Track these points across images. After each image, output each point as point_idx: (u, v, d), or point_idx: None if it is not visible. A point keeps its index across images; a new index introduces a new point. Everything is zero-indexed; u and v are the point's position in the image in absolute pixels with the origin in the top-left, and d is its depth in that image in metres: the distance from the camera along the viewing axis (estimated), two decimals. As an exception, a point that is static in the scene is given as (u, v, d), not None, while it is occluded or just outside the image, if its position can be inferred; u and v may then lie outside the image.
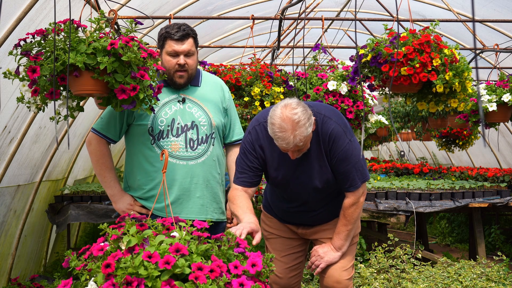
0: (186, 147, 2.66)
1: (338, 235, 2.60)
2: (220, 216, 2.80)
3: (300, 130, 2.26)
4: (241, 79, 3.95)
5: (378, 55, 3.12)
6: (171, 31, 2.63)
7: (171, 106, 2.69)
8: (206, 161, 2.71)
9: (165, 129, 2.65)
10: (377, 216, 8.81)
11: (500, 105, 4.42)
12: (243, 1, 6.48)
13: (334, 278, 2.63)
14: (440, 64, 3.06)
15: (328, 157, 2.49)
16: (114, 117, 2.68)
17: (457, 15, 5.09)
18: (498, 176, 6.42)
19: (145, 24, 4.72)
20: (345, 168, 2.48)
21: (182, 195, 2.66)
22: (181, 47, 2.62)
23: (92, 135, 2.73)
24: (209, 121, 2.73)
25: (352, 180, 2.50)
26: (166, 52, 2.64)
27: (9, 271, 4.44)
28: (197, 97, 2.75)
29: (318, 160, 2.50)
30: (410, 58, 3.04)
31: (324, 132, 2.46)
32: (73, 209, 5.07)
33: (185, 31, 2.63)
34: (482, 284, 3.70)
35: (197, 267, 1.65)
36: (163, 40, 2.66)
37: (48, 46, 2.27)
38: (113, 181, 2.72)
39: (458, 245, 8.05)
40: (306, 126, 2.27)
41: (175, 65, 2.63)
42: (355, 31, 2.73)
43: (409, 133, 10.38)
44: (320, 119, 2.47)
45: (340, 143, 2.45)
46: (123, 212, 2.68)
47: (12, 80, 2.38)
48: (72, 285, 1.77)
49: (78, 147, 5.85)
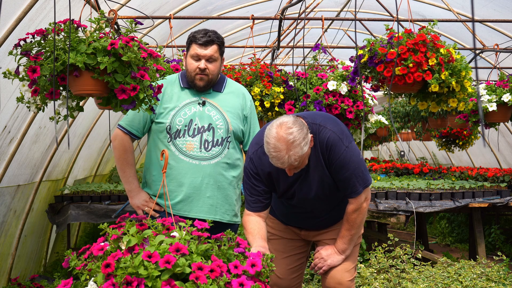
0: (200, 147, 2.72)
1: (342, 239, 2.59)
2: (232, 218, 2.83)
3: (295, 150, 2.24)
4: (241, 79, 3.95)
5: (374, 56, 3.13)
6: (197, 35, 2.73)
7: (190, 108, 2.77)
8: (219, 163, 2.76)
9: (182, 128, 2.73)
10: (377, 216, 8.81)
11: (500, 105, 4.42)
12: (243, 1, 6.48)
13: (336, 279, 2.63)
14: (436, 63, 3.06)
15: (327, 166, 2.48)
16: (139, 114, 2.77)
17: (457, 15, 5.09)
18: (498, 176, 6.42)
19: (145, 24, 4.72)
20: (345, 175, 2.46)
21: (193, 193, 2.72)
22: (204, 52, 2.71)
23: (117, 131, 2.82)
24: (226, 125, 2.78)
25: (353, 186, 2.47)
26: (190, 55, 2.75)
27: (9, 271, 4.44)
28: (217, 102, 2.82)
29: (318, 171, 2.48)
30: (404, 58, 3.04)
31: (321, 142, 2.44)
32: (73, 209, 5.07)
33: (210, 37, 2.71)
34: (482, 284, 3.70)
35: (197, 267, 1.65)
36: (189, 43, 2.77)
37: (48, 46, 2.27)
38: (132, 177, 2.81)
39: (458, 245, 8.05)
40: (301, 145, 2.25)
41: (196, 69, 2.72)
42: (355, 31, 2.74)
43: (409, 133, 10.38)
44: (316, 129, 2.44)
45: (337, 151, 2.42)
46: (138, 208, 2.79)
47: (12, 80, 2.38)
48: (72, 285, 1.77)
49: (78, 147, 5.85)
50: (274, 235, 2.81)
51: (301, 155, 2.28)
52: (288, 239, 2.79)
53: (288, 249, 2.78)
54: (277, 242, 2.80)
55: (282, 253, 2.77)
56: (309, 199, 2.56)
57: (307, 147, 2.29)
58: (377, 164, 9.18)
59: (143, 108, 2.41)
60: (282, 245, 2.79)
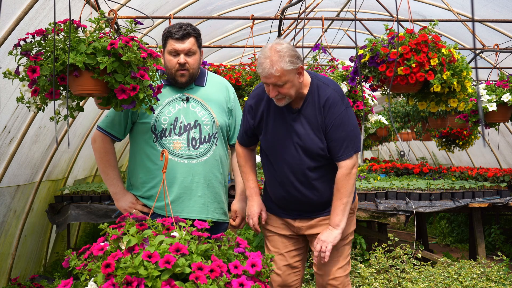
0: (188, 145, 2.67)
1: (334, 211, 2.60)
2: (221, 216, 2.80)
3: (279, 61, 2.41)
4: (241, 79, 3.95)
5: (375, 55, 3.12)
6: (172, 30, 2.66)
7: (174, 105, 2.70)
8: (208, 161, 2.71)
9: (168, 127, 2.67)
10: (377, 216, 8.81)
11: (500, 105, 4.42)
12: (243, 1, 6.48)
13: (329, 276, 2.67)
14: (438, 63, 3.06)
15: (323, 123, 2.55)
16: (119, 115, 2.70)
17: (457, 15, 5.09)
18: (498, 176, 6.42)
19: (145, 24, 4.72)
20: (340, 135, 2.54)
21: (183, 193, 2.67)
22: (181, 46, 2.64)
23: (97, 133, 2.75)
24: (212, 121, 2.74)
25: (346, 148, 2.54)
26: (167, 51, 2.67)
27: (9, 271, 4.44)
28: (201, 97, 2.76)
29: (311, 123, 2.57)
30: (407, 58, 3.04)
31: (321, 97, 2.55)
32: (73, 209, 5.07)
33: (186, 30, 2.65)
34: (482, 284, 3.70)
35: (197, 267, 1.65)
36: (165, 39, 2.69)
37: (48, 46, 2.27)
38: (116, 179, 2.74)
39: (458, 245, 8.05)
40: (286, 60, 2.41)
41: (176, 64, 2.65)
42: (355, 31, 2.74)
43: (409, 133, 10.38)
44: (318, 85, 2.58)
45: (336, 109, 2.54)
46: (125, 210, 2.70)
47: (12, 80, 2.38)
48: (72, 285, 1.77)
49: (78, 147, 5.85)
50: (271, 232, 2.82)
51: (283, 69, 2.41)
52: (284, 236, 2.79)
53: (284, 245, 2.79)
54: (272, 238, 2.81)
55: (278, 250, 2.78)
56: (296, 153, 2.60)
57: (291, 67, 2.43)
58: (377, 164, 9.18)
59: (143, 108, 2.40)
60: (278, 242, 2.79)
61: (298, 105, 2.60)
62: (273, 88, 2.48)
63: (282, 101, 2.54)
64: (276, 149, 2.66)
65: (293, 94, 2.52)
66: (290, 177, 2.65)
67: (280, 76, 2.42)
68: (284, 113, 2.62)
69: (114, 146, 2.79)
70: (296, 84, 2.50)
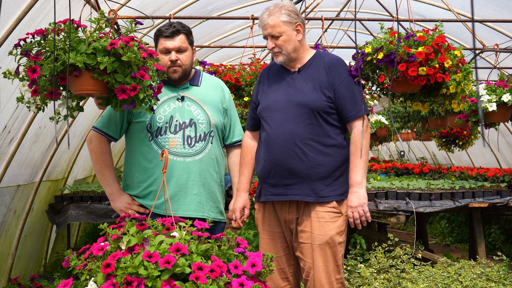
0: (183, 144, 2.68)
1: (355, 169, 2.64)
2: (217, 215, 2.78)
3: (276, 11, 2.57)
4: (241, 79, 3.95)
5: (390, 54, 3.07)
6: (162, 29, 2.70)
7: (170, 104, 2.72)
8: (204, 159, 2.72)
9: (163, 126, 2.68)
10: (377, 216, 8.81)
11: (500, 105, 4.42)
12: (243, 1, 6.48)
13: (320, 282, 2.61)
14: (452, 65, 3.05)
15: (332, 82, 2.63)
16: (115, 115, 2.71)
17: (457, 15, 5.09)
18: (498, 176, 6.42)
19: (145, 24, 4.72)
20: (353, 92, 2.65)
21: (179, 191, 2.67)
22: (172, 44, 2.67)
23: (93, 133, 2.75)
24: (208, 119, 2.74)
25: (357, 104, 2.64)
26: (159, 50, 2.70)
27: (9, 271, 4.44)
28: (196, 96, 2.77)
29: (314, 82, 2.64)
30: (430, 58, 3.02)
31: (326, 59, 2.68)
32: (73, 209, 5.07)
33: (176, 27, 2.68)
34: (482, 284, 3.70)
35: (197, 267, 1.65)
36: (156, 39, 2.73)
37: (48, 46, 2.26)
38: (112, 180, 2.73)
39: (458, 245, 8.05)
40: (282, 12, 2.57)
41: (168, 62, 2.68)
42: (355, 31, 2.73)
43: (409, 133, 10.38)
44: (322, 54, 2.73)
45: (344, 69, 2.68)
46: (121, 211, 2.70)
47: (12, 80, 2.38)
48: (72, 285, 1.77)
49: (78, 147, 5.85)
50: (262, 234, 2.80)
51: (278, 20, 2.55)
52: (275, 239, 2.76)
53: (275, 250, 2.75)
54: (264, 242, 2.79)
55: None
56: (292, 107, 2.64)
57: (287, 19, 2.57)
58: (377, 164, 9.18)
59: (143, 108, 2.41)
60: (271, 245, 2.76)
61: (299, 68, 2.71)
62: (270, 40, 2.60)
63: (280, 56, 2.63)
64: (272, 108, 2.71)
65: (289, 50, 2.62)
66: (280, 138, 2.64)
67: (274, 26, 2.56)
68: (283, 75, 2.74)
69: (110, 147, 2.78)
70: (293, 39, 2.61)
